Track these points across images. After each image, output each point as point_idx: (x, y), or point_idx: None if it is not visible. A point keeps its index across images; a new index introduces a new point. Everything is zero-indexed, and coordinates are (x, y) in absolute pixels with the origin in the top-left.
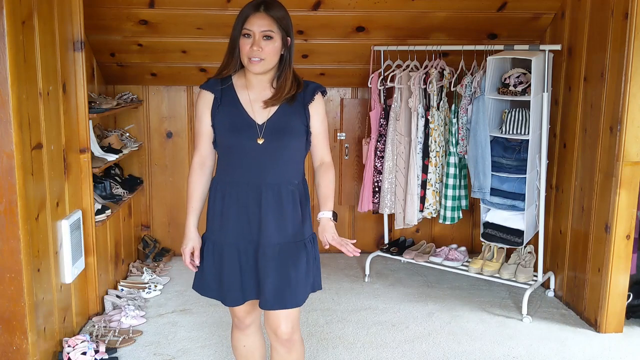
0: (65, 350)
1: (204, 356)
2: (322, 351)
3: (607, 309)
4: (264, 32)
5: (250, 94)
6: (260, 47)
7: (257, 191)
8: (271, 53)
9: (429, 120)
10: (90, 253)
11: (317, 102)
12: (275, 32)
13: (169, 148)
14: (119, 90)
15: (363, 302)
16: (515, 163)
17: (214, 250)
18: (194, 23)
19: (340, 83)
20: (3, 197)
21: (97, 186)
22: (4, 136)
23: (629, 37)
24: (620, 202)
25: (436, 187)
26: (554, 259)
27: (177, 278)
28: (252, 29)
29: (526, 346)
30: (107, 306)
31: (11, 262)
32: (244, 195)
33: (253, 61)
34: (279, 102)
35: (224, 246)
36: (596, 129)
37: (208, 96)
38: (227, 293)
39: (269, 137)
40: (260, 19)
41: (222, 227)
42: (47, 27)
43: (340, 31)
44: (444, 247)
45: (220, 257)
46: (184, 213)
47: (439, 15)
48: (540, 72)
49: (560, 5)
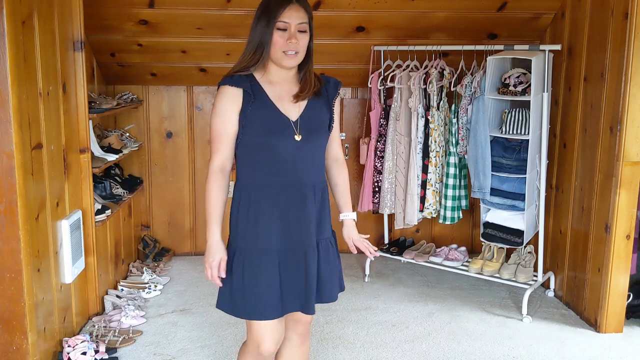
0: (65, 350)
1: (204, 356)
2: (322, 351)
3: (607, 309)
4: (300, 25)
5: (277, 90)
6: (297, 40)
7: (300, 191)
8: (305, 46)
9: (429, 120)
10: (90, 253)
11: (338, 98)
12: (308, 25)
13: (169, 148)
14: (119, 90)
15: (363, 302)
16: (515, 163)
17: (244, 261)
18: (194, 23)
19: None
20: (3, 197)
21: (97, 186)
22: (4, 136)
23: (629, 37)
24: (620, 202)
25: (436, 187)
26: (554, 259)
27: (177, 278)
28: (289, 21)
29: (526, 346)
30: (107, 306)
31: (11, 262)
32: (284, 196)
33: (289, 55)
34: (308, 96)
35: (261, 255)
36: (596, 129)
37: (235, 92)
38: (266, 305)
39: (305, 134)
40: (296, 11)
41: (258, 235)
42: (47, 27)
43: (340, 31)
44: (444, 247)
45: (257, 267)
46: (184, 213)
47: (439, 15)
48: (540, 72)
49: (560, 5)
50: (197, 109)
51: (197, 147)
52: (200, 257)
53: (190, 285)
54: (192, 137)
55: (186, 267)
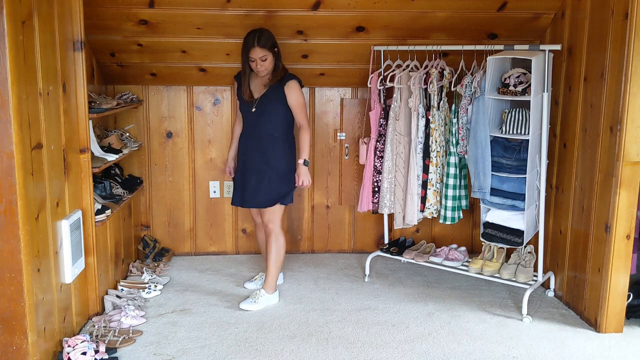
0: (65, 350)
1: (204, 356)
2: (322, 351)
3: (607, 309)
4: (262, 57)
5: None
6: (262, 64)
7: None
8: (268, 66)
9: (430, 120)
10: (90, 253)
11: (290, 86)
12: (268, 54)
13: (169, 148)
14: (119, 90)
15: (363, 302)
16: (515, 163)
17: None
18: (194, 23)
19: (340, 83)
20: (3, 197)
21: (97, 186)
22: (4, 136)
23: (629, 37)
24: (620, 202)
25: (437, 187)
26: (554, 259)
27: (177, 278)
28: (253, 57)
29: (526, 346)
30: (107, 306)
31: (11, 262)
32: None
33: (259, 70)
34: (269, 85)
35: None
36: (596, 129)
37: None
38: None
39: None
40: (256, 51)
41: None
42: (47, 27)
43: (340, 31)
44: (444, 247)
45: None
46: (184, 213)
47: (439, 15)
48: (540, 72)
49: (560, 5)
50: (197, 109)
51: (197, 147)
52: (200, 257)
53: (190, 285)
54: (192, 137)
55: (186, 267)
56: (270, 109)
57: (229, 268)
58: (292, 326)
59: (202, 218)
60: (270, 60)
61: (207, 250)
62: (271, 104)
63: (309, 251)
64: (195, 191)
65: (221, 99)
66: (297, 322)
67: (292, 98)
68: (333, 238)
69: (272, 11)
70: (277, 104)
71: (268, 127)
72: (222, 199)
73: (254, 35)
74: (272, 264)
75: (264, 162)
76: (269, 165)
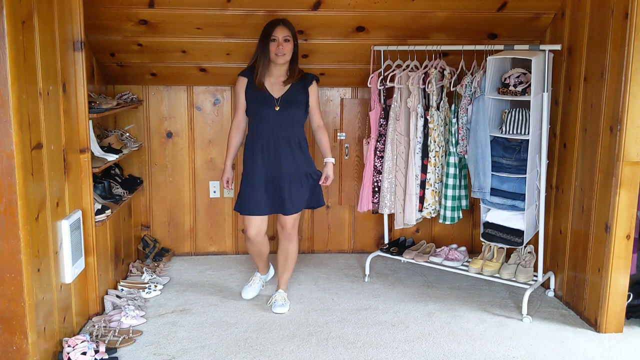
0: (65, 350)
1: (204, 356)
2: (322, 351)
3: (607, 309)
4: (285, 37)
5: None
6: (284, 47)
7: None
8: (290, 50)
9: (428, 120)
10: (90, 253)
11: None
12: (290, 37)
13: (169, 148)
14: (119, 90)
15: (363, 302)
16: (515, 163)
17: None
18: (194, 23)
19: (340, 83)
20: (3, 197)
21: (97, 186)
22: (4, 136)
23: (629, 37)
24: (620, 202)
25: (435, 187)
26: (554, 259)
27: (177, 278)
28: (277, 35)
29: (526, 346)
30: (107, 306)
31: (11, 262)
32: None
33: (279, 55)
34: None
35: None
36: (596, 129)
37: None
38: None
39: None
40: (281, 29)
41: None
42: (47, 27)
43: (340, 31)
44: (444, 247)
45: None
46: (184, 213)
47: (439, 15)
48: (540, 72)
49: (560, 5)
50: (197, 109)
51: (197, 147)
52: (200, 257)
53: (190, 285)
54: (192, 137)
55: (186, 267)
56: (294, 108)
57: (229, 268)
58: (292, 326)
59: (202, 218)
60: (291, 47)
61: (207, 250)
62: (295, 103)
63: (309, 251)
64: (196, 191)
65: (221, 99)
66: (297, 322)
67: (313, 98)
68: (333, 238)
69: (272, 11)
70: (301, 103)
71: (294, 127)
72: (222, 199)
73: (277, 19)
74: (292, 268)
75: (294, 165)
76: (298, 166)
